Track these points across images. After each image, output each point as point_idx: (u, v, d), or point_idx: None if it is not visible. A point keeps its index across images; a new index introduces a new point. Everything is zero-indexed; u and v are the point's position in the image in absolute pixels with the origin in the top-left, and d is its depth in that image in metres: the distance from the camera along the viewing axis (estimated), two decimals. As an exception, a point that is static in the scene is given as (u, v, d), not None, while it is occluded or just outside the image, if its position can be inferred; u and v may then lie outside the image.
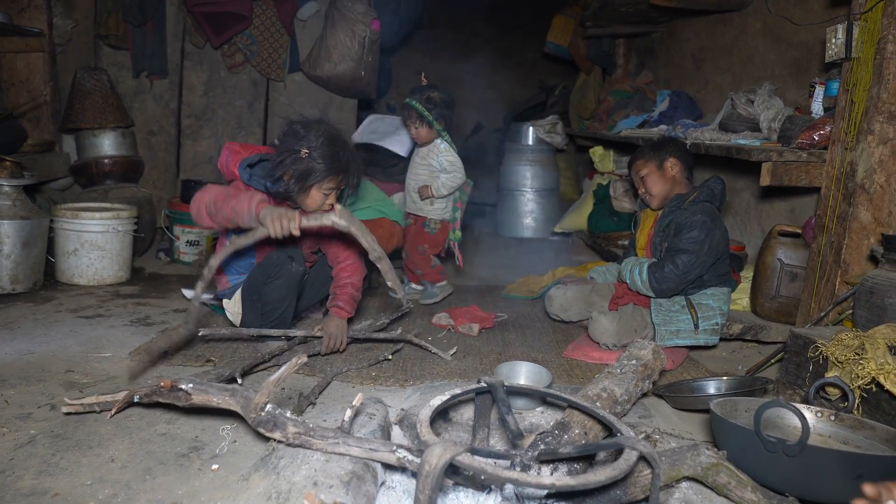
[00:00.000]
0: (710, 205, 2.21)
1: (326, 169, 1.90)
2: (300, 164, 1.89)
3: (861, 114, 2.05)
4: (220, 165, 2.02)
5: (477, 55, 6.01)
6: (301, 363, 1.39)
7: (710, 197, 2.22)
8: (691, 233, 2.11)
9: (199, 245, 3.41)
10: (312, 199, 1.94)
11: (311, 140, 1.90)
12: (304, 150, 1.88)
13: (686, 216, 2.16)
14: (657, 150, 2.31)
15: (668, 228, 2.22)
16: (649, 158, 2.30)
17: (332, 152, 1.90)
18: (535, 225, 4.75)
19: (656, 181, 2.27)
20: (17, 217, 2.65)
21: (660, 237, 2.25)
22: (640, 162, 2.32)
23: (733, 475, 1.21)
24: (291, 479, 1.19)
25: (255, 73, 4.28)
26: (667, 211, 2.26)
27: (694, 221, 2.13)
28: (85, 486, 1.27)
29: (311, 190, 1.92)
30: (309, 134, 1.91)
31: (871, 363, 1.52)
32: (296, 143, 1.90)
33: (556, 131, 4.79)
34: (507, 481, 0.98)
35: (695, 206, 2.19)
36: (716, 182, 2.26)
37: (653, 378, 1.63)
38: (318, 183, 1.91)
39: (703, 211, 2.16)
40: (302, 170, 1.89)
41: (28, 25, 3.28)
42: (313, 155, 1.89)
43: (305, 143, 1.90)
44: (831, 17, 2.55)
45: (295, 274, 2.02)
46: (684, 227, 2.14)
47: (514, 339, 2.41)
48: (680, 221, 2.17)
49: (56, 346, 2.09)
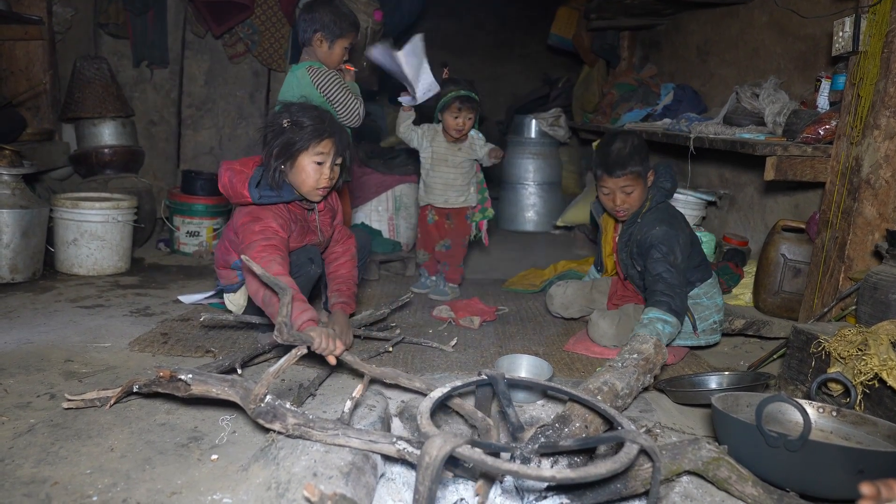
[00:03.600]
0: (665, 204, 2.11)
1: (311, 131, 1.82)
2: (284, 136, 1.83)
3: (867, 108, 2.03)
4: (223, 188, 1.93)
5: (480, 47, 5.97)
6: (301, 354, 1.39)
7: (665, 196, 2.11)
8: (660, 250, 2.00)
9: (200, 236, 3.40)
10: (306, 172, 1.86)
11: (292, 111, 1.85)
12: (286, 120, 1.83)
13: (645, 231, 2.05)
14: (642, 161, 2.07)
15: (629, 244, 2.13)
16: (639, 173, 2.06)
17: (314, 115, 1.85)
18: (537, 218, 4.74)
19: (640, 195, 2.09)
20: (17, 206, 2.64)
21: (625, 253, 2.17)
22: (629, 176, 2.05)
23: (734, 470, 1.20)
24: (291, 469, 1.19)
25: (257, 63, 4.25)
26: (626, 225, 2.15)
27: (655, 236, 2.01)
28: (84, 475, 1.26)
29: (299, 159, 1.85)
30: (291, 107, 1.87)
31: (873, 359, 1.51)
32: (277, 118, 1.86)
33: (559, 124, 4.77)
34: (507, 473, 0.97)
35: (650, 214, 2.08)
36: (665, 178, 2.11)
37: (654, 372, 1.62)
38: (306, 149, 1.84)
39: (661, 218, 2.06)
40: (286, 140, 1.82)
41: (27, 13, 3.26)
42: (295, 122, 1.83)
43: (286, 115, 1.85)
44: (839, 10, 2.53)
45: (313, 275, 2.01)
46: (649, 245, 2.03)
47: (515, 332, 2.40)
48: (640, 239, 2.06)
49: (55, 335, 2.08)
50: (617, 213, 2.14)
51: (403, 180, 3.60)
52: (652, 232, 2.03)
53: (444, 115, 2.67)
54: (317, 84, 2.34)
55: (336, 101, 2.36)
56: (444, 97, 2.62)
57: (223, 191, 1.95)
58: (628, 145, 2.07)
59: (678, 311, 1.97)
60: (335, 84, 2.35)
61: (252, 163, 1.95)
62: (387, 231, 3.56)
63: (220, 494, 1.22)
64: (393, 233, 3.58)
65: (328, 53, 2.37)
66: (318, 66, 2.36)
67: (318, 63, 2.37)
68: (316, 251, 2.06)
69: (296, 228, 1.98)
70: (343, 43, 2.37)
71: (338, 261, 2.16)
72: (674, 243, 2.02)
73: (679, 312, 1.97)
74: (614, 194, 2.09)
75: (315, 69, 2.35)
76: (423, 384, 1.51)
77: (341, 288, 2.10)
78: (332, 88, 2.35)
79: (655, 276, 2.01)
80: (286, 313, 1.47)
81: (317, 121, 1.85)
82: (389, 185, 3.57)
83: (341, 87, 2.36)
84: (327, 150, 1.87)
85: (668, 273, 1.99)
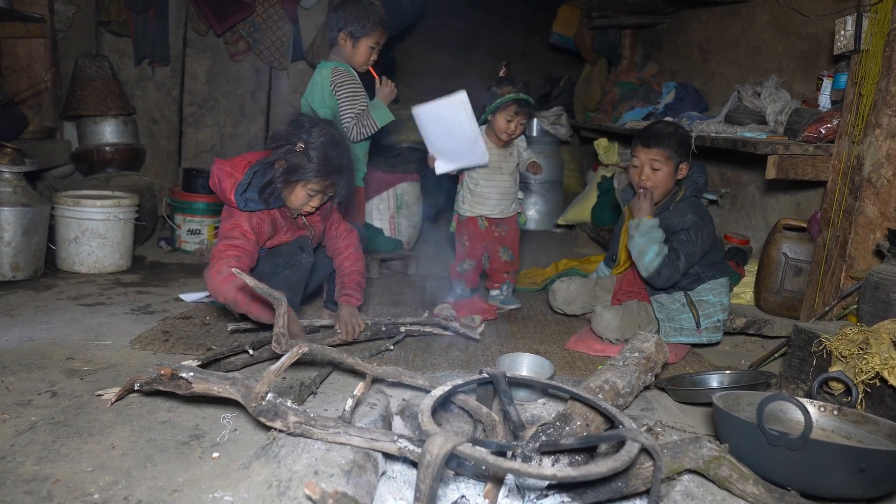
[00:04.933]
0: (697, 198, 2.19)
1: (317, 168, 1.87)
2: (293, 158, 1.87)
3: (869, 107, 2.02)
4: (213, 186, 1.96)
5: (481, 45, 5.97)
6: (302, 352, 1.39)
7: (696, 190, 2.20)
8: (688, 234, 2.10)
9: (201, 234, 3.40)
10: (297, 196, 1.92)
11: (311, 136, 1.88)
12: (301, 145, 1.86)
13: (677, 217, 2.13)
14: (679, 148, 2.14)
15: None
16: (671, 155, 2.12)
17: (327, 154, 1.88)
18: (539, 217, 4.74)
19: (666, 178, 2.16)
20: (18, 204, 2.65)
21: None
22: (661, 151, 2.11)
23: (735, 468, 1.20)
24: (292, 467, 1.19)
25: (258, 62, 4.25)
26: (656, 210, 2.20)
27: (685, 222, 2.11)
28: (86, 472, 1.27)
29: (296, 186, 1.90)
30: (312, 130, 1.89)
31: (875, 358, 1.51)
32: (296, 134, 1.88)
33: (560, 123, 4.76)
34: (508, 472, 0.97)
35: (682, 204, 2.16)
36: (699, 174, 2.22)
37: (655, 371, 1.62)
38: (305, 181, 1.89)
39: (692, 210, 2.13)
40: (293, 164, 1.87)
41: (29, 11, 3.26)
42: (308, 151, 1.87)
43: (305, 138, 1.87)
44: (840, 8, 2.52)
45: (305, 265, 2.04)
46: (678, 229, 2.11)
47: (516, 330, 2.40)
48: (671, 223, 2.13)
49: (57, 333, 2.09)
50: (639, 186, 2.18)
51: (405, 178, 3.59)
52: (684, 219, 2.11)
53: (496, 115, 2.44)
54: (333, 87, 2.35)
55: (342, 112, 2.37)
56: (501, 98, 2.41)
57: (212, 188, 1.97)
58: (671, 128, 2.19)
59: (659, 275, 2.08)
60: (348, 96, 2.36)
61: (244, 164, 1.95)
62: (388, 230, 3.55)
63: (222, 492, 1.22)
64: (394, 231, 3.57)
65: (353, 52, 2.38)
66: (344, 68, 2.38)
67: (344, 64, 2.38)
68: (307, 241, 2.07)
69: (284, 225, 2.03)
70: (368, 42, 2.36)
71: (342, 254, 2.17)
72: (699, 234, 2.10)
73: (656, 277, 2.09)
74: (643, 167, 2.16)
75: (340, 71, 2.36)
76: (425, 381, 1.51)
77: (345, 280, 2.12)
78: (343, 97, 2.36)
79: (671, 249, 2.09)
80: (283, 324, 1.47)
81: (324, 161, 1.88)
82: (391, 184, 3.56)
83: (352, 101, 2.35)
84: (322, 189, 1.92)
85: (684, 260, 2.08)
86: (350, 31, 2.36)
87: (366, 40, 2.36)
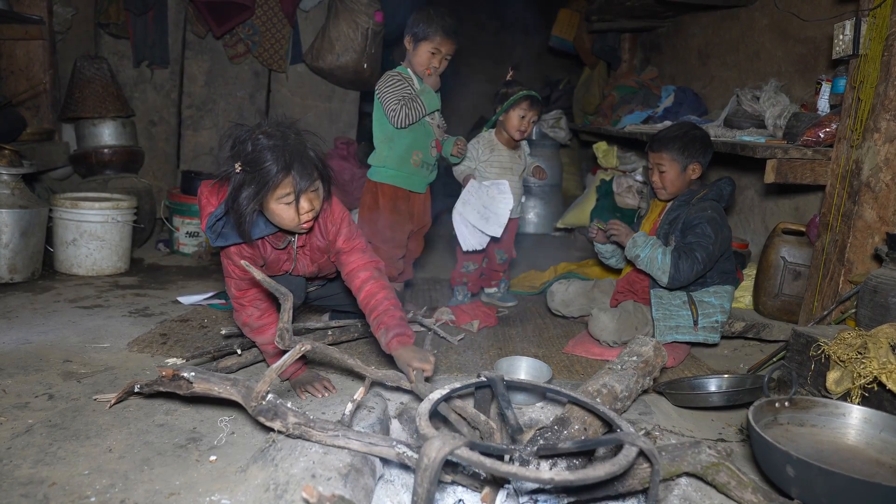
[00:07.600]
0: (718, 203, 2.20)
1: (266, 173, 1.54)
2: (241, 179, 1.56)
3: (868, 111, 2.03)
4: (200, 207, 1.73)
5: (481, 48, 5.97)
6: (305, 350, 1.38)
7: (719, 196, 2.21)
8: (704, 229, 2.09)
9: (199, 237, 3.39)
10: (279, 215, 1.61)
11: (246, 148, 1.56)
12: (237, 165, 1.56)
13: (695, 212, 2.14)
14: (685, 150, 2.19)
15: (674, 223, 2.20)
16: (675, 158, 2.19)
17: (263, 158, 1.54)
18: (538, 220, 4.73)
19: (674, 179, 2.21)
20: (16, 206, 2.64)
21: (664, 230, 2.23)
22: (664, 155, 2.21)
23: (734, 475, 1.20)
24: (290, 471, 1.18)
25: (257, 64, 4.25)
26: (675, 205, 2.24)
27: (704, 217, 2.11)
28: (82, 475, 1.26)
29: (269, 204, 1.59)
30: (244, 145, 1.56)
31: (873, 362, 1.51)
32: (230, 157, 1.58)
33: (559, 126, 4.77)
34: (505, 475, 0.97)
35: (703, 202, 2.17)
36: (727, 184, 2.23)
37: (653, 375, 1.62)
38: (265, 196, 1.57)
39: (712, 208, 2.14)
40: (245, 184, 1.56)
41: (28, 13, 3.26)
42: (246, 168, 1.55)
43: (240, 157, 1.56)
44: (839, 13, 2.53)
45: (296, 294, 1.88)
46: (695, 224, 2.12)
47: (514, 334, 2.40)
48: (689, 218, 2.14)
49: (54, 336, 2.08)
50: (655, 187, 2.27)
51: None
52: (704, 214, 2.13)
53: (509, 113, 2.49)
54: (377, 84, 2.39)
55: (384, 102, 2.36)
56: (512, 95, 2.49)
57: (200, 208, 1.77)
58: (679, 132, 2.23)
59: (677, 271, 2.06)
60: (388, 88, 2.36)
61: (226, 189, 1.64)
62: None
63: (219, 495, 1.22)
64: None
65: (412, 55, 2.40)
66: (400, 69, 2.41)
67: (403, 68, 2.41)
68: (294, 280, 1.87)
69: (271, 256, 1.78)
70: (427, 46, 2.37)
71: (366, 287, 1.73)
72: (717, 235, 2.10)
73: (675, 276, 2.07)
74: (654, 170, 2.25)
75: (393, 73, 2.39)
76: (423, 385, 1.51)
77: (387, 320, 1.67)
78: (383, 90, 2.36)
79: (689, 247, 2.09)
80: (287, 319, 1.45)
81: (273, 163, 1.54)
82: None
83: (393, 90, 2.35)
84: (290, 189, 1.57)
85: (702, 253, 2.07)
86: (414, 33, 2.40)
87: (425, 44, 2.37)
